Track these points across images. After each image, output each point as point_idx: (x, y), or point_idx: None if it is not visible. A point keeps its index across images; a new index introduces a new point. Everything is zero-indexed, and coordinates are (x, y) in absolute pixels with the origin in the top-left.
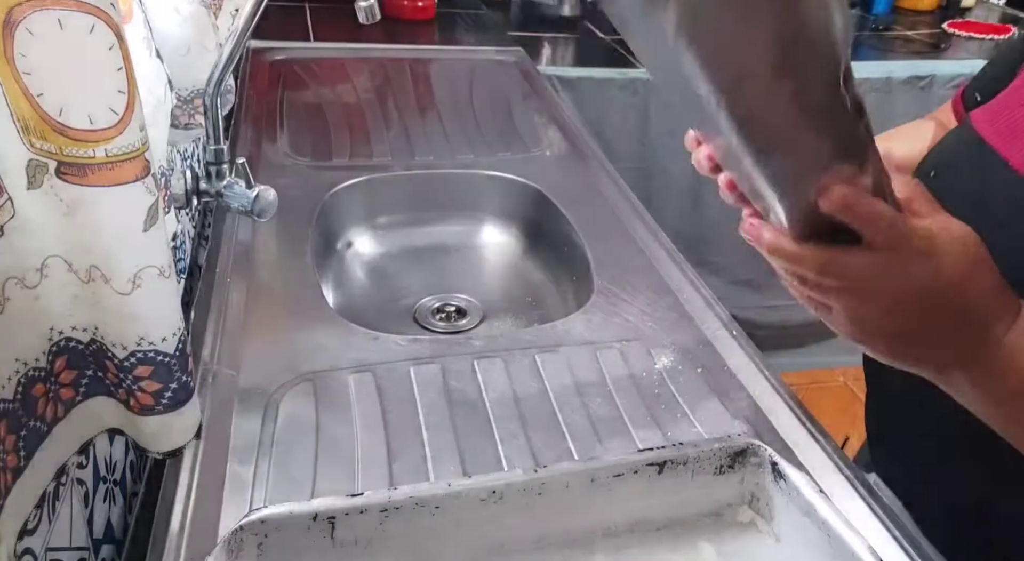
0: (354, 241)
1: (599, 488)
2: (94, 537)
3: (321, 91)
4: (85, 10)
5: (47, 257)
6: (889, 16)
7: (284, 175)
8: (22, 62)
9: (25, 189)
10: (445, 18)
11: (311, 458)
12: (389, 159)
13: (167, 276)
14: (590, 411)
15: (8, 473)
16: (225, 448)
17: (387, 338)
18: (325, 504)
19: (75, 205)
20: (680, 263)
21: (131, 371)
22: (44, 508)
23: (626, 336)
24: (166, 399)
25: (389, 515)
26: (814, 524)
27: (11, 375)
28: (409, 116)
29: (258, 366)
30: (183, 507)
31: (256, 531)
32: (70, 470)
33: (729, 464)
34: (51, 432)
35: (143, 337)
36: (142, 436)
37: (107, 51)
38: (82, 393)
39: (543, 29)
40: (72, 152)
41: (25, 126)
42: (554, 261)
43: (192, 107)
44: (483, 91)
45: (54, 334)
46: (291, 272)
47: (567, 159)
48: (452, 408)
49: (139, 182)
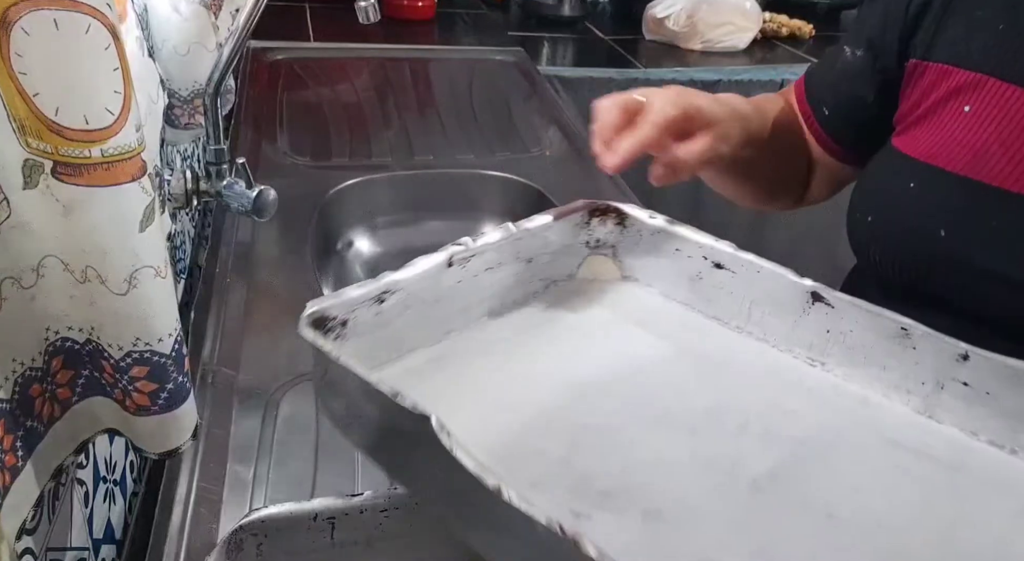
0: (354, 241)
1: None
2: (94, 537)
3: (321, 91)
4: (81, 10)
5: (43, 257)
6: None
7: (284, 175)
8: (18, 62)
9: (21, 189)
10: (445, 18)
11: (311, 458)
12: (389, 159)
13: (163, 276)
14: None
15: (6, 472)
16: (225, 448)
17: None
18: (325, 504)
19: (71, 205)
20: None
21: (127, 371)
22: (43, 508)
23: None
24: (162, 400)
25: (389, 515)
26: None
27: (8, 375)
28: (409, 116)
29: (258, 366)
30: (183, 507)
31: (256, 531)
32: (70, 470)
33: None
34: (48, 432)
35: (139, 337)
36: (138, 436)
37: (103, 51)
38: (79, 393)
39: (543, 29)
40: (68, 152)
41: (21, 126)
42: None
43: (192, 107)
44: (483, 91)
45: (50, 334)
46: (291, 272)
47: (567, 159)
48: None
49: (135, 182)
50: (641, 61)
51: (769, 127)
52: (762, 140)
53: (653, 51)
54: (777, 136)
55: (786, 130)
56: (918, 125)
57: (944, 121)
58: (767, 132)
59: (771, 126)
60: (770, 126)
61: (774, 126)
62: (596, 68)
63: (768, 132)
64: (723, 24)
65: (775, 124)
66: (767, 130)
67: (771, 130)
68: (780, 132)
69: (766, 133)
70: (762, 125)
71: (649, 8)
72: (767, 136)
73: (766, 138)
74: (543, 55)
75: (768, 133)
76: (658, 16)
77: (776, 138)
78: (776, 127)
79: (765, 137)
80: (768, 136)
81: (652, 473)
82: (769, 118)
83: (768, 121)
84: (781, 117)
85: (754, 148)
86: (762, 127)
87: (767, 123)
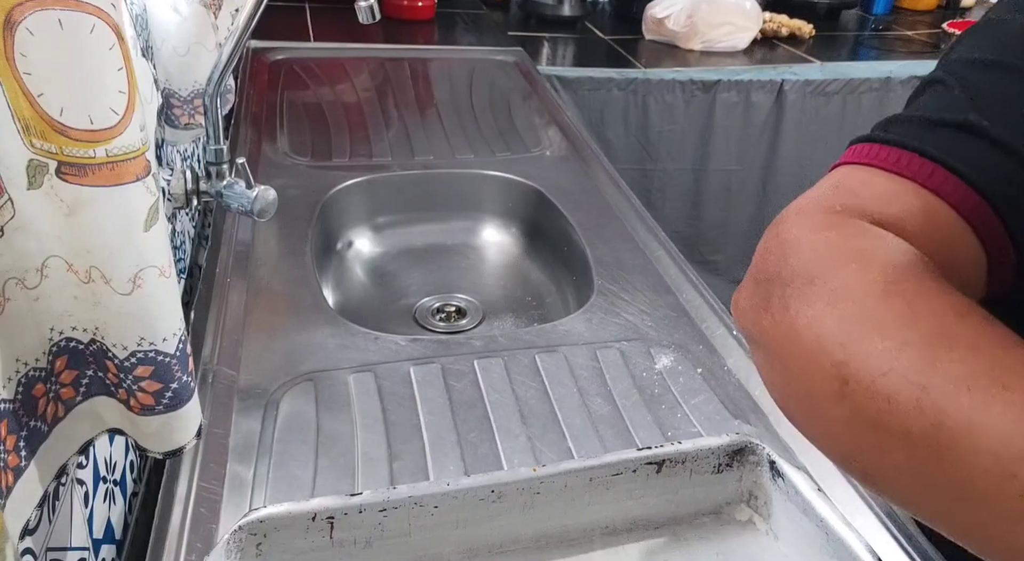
0: (354, 241)
1: (597, 487)
2: (94, 537)
3: (321, 91)
4: (85, 10)
5: (47, 257)
6: (889, 16)
7: (284, 175)
8: (22, 62)
9: (25, 189)
10: (445, 18)
11: (311, 458)
12: (389, 159)
13: (167, 276)
14: (590, 411)
15: (9, 473)
16: (225, 448)
17: (387, 338)
18: (324, 504)
19: (75, 205)
20: (680, 263)
21: (131, 371)
22: (44, 508)
23: (626, 336)
24: (166, 399)
25: (388, 514)
26: (812, 522)
27: (11, 375)
28: (409, 116)
29: (258, 366)
30: (183, 507)
31: (256, 531)
32: (70, 470)
33: (727, 463)
34: (52, 432)
35: (143, 337)
36: (142, 436)
37: (107, 51)
38: (82, 393)
39: (543, 29)
40: (72, 152)
41: (25, 126)
42: (554, 261)
43: (192, 107)
44: (483, 91)
45: (54, 334)
46: (291, 272)
47: (567, 159)
48: (452, 408)
49: (139, 182)
50: (641, 61)
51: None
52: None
53: (653, 51)
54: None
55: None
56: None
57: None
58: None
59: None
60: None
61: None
62: (596, 68)
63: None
64: (723, 24)
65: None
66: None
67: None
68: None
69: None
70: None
71: (649, 8)
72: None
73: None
74: (543, 55)
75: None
76: (658, 16)
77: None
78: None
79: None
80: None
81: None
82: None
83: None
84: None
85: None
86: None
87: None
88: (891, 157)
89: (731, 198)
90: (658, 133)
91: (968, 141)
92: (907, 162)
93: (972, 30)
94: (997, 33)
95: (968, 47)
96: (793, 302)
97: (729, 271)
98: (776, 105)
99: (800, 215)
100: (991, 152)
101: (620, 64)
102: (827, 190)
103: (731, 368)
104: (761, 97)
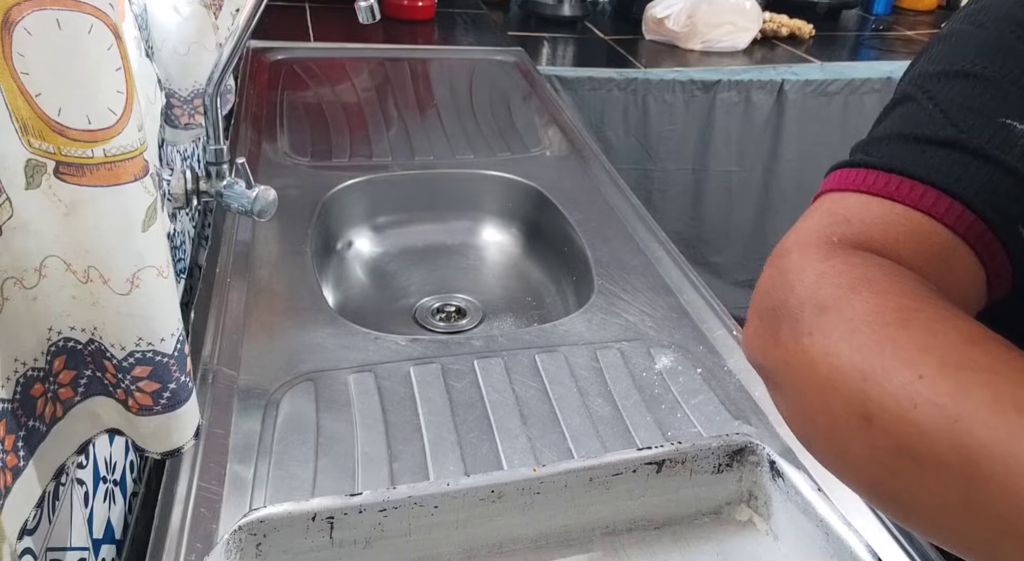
0: (354, 241)
1: (598, 487)
2: (94, 537)
3: (321, 91)
4: (83, 10)
5: (45, 257)
6: (889, 16)
7: (284, 175)
8: (20, 62)
9: (23, 189)
10: (445, 18)
11: (311, 458)
12: (389, 159)
13: (166, 276)
14: (590, 411)
15: (8, 473)
16: (225, 448)
17: (387, 338)
18: (324, 504)
19: (73, 205)
20: (680, 263)
21: (129, 371)
22: (44, 508)
23: (626, 336)
24: (164, 399)
25: (388, 515)
26: (812, 522)
27: (10, 375)
28: (409, 116)
29: (258, 366)
30: (183, 507)
31: (255, 531)
32: (70, 470)
33: (727, 463)
34: (50, 432)
35: (141, 337)
36: (140, 436)
37: (105, 51)
38: (81, 393)
39: (543, 29)
40: (70, 152)
41: (23, 126)
42: (554, 261)
43: (192, 107)
44: (483, 91)
45: (52, 334)
46: (291, 272)
47: (567, 159)
48: (452, 408)
49: (137, 182)
50: (641, 61)
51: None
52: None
53: (653, 51)
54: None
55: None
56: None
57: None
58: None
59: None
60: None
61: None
62: (596, 68)
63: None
64: (723, 24)
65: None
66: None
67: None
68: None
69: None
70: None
71: (649, 8)
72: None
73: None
74: (543, 55)
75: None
76: (658, 16)
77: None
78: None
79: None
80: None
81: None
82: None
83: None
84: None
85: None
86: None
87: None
88: (879, 182)
89: (732, 199)
90: (658, 133)
91: (951, 156)
92: (896, 186)
93: (933, 43)
94: (960, 45)
95: (932, 60)
96: (806, 332)
97: (730, 273)
98: (776, 105)
99: (800, 246)
100: (974, 164)
101: (620, 64)
102: (821, 219)
103: (731, 368)
104: (761, 97)
